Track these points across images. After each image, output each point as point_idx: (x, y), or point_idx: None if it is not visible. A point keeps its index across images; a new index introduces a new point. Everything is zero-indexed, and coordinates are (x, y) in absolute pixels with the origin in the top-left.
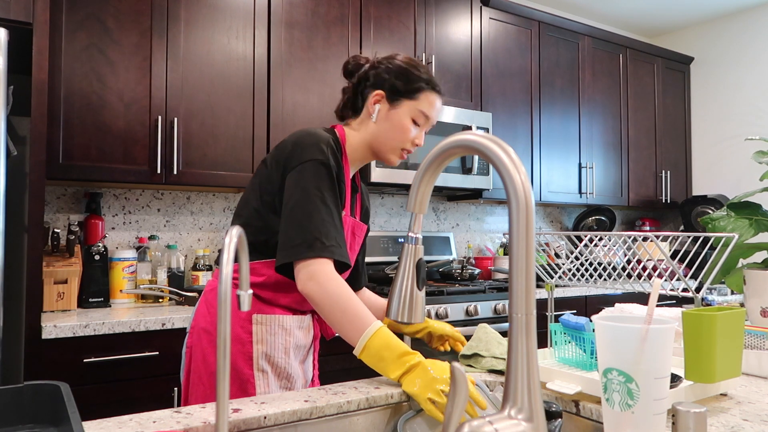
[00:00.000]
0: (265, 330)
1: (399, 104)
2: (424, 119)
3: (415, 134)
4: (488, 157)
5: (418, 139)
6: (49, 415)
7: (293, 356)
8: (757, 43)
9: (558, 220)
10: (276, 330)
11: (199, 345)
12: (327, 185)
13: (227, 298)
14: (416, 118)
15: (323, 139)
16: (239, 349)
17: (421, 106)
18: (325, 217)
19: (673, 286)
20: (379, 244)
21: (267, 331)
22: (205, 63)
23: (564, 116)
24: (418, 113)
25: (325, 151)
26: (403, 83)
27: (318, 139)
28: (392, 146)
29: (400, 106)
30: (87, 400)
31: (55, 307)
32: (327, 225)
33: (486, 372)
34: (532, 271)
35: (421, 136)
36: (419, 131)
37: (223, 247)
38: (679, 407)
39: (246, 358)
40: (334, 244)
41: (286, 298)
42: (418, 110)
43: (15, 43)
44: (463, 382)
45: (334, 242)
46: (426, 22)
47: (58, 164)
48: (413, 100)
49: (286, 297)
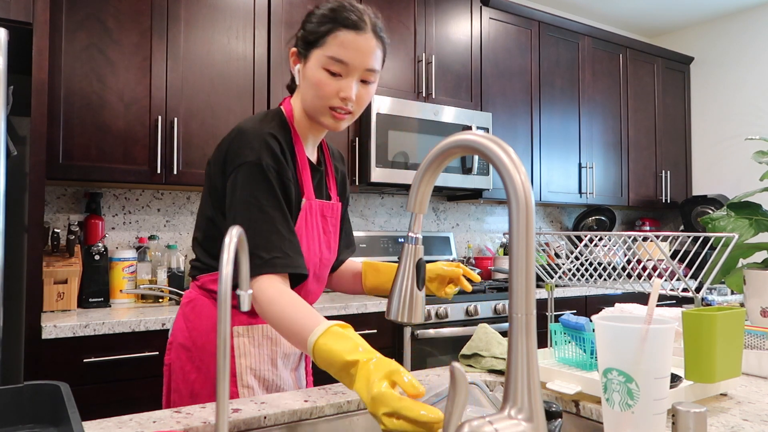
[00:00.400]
0: (248, 342)
1: (309, 57)
2: (340, 65)
3: (338, 87)
4: (488, 157)
5: (345, 92)
6: (49, 415)
7: (282, 366)
8: (757, 43)
9: (558, 220)
10: (261, 340)
11: (178, 362)
12: (263, 188)
13: (227, 298)
14: (329, 67)
15: (257, 135)
16: None
17: (330, 51)
18: (262, 227)
19: (673, 286)
20: (379, 244)
21: (251, 342)
22: (205, 63)
23: (564, 116)
24: (328, 60)
25: (256, 149)
26: (308, 31)
27: (251, 137)
28: (316, 107)
29: (310, 58)
30: (87, 400)
31: (55, 307)
32: (265, 235)
33: (486, 372)
34: (532, 271)
35: (349, 88)
36: (344, 82)
37: (223, 247)
38: (679, 407)
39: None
40: (277, 256)
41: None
42: (327, 57)
43: (15, 43)
44: (462, 382)
45: (278, 253)
46: (426, 22)
47: (58, 164)
48: (321, 47)
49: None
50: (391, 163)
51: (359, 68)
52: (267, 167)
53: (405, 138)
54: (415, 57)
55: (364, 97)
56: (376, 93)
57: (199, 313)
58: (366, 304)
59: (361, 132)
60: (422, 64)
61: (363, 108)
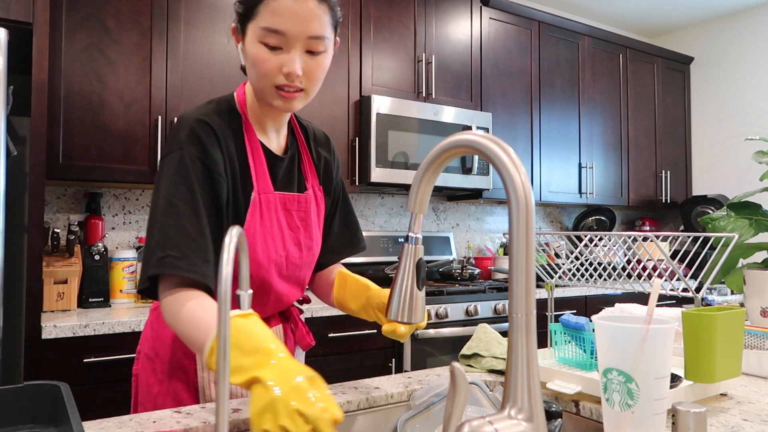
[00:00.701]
0: None
1: (246, 32)
2: (277, 37)
3: (280, 62)
4: (488, 157)
5: (287, 66)
6: (49, 415)
7: None
8: (757, 43)
9: (558, 220)
10: None
11: (144, 373)
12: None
13: (227, 298)
14: (265, 40)
15: (186, 122)
16: (182, 379)
17: (264, 21)
18: (166, 222)
19: (673, 286)
20: (379, 244)
21: None
22: (205, 63)
23: (564, 116)
24: (264, 32)
25: (181, 138)
26: (241, 2)
27: (182, 125)
28: (262, 88)
29: (247, 33)
30: (87, 400)
31: (55, 307)
32: (166, 231)
33: (486, 372)
34: (532, 271)
35: (291, 61)
36: (287, 56)
37: (223, 247)
38: (679, 407)
39: (191, 390)
40: (172, 254)
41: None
42: (261, 29)
43: (15, 43)
44: (462, 382)
45: (174, 251)
46: (426, 22)
47: (58, 164)
48: (254, 18)
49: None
50: (391, 163)
51: (300, 37)
52: (189, 157)
53: (405, 138)
54: (415, 57)
55: (315, 71)
56: (376, 93)
57: (163, 322)
58: None
59: (361, 132)
60: (422, 64)
61: (317, 83)
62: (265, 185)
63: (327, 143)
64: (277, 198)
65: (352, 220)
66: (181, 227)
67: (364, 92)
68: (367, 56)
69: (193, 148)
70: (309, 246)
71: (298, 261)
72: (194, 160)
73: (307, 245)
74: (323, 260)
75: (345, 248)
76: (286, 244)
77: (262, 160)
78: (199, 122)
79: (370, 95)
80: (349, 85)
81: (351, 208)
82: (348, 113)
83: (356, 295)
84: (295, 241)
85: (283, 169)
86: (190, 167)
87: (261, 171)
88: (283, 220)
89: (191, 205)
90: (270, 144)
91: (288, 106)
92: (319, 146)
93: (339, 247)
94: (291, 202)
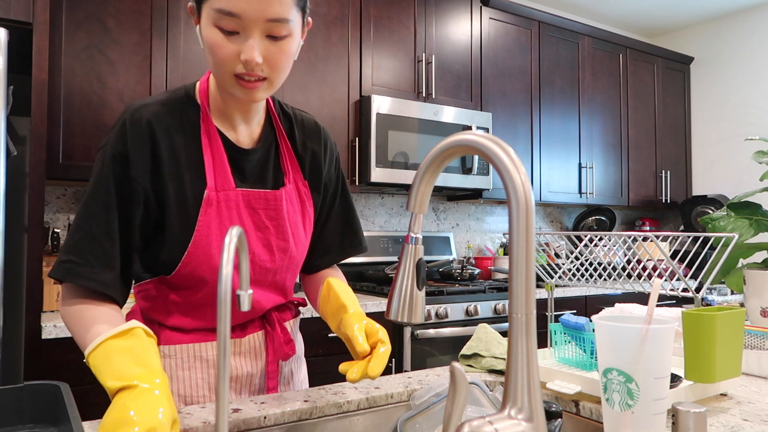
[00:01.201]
0: (176, 365)
1: (201, 13)
2: (232, 20)
3: (236, 48)
4: (488, 157)
5: (246, 53)
6: (49, 415)
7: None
8: (757, 43)
9: (558, 220)
10: (192, 363)
11: None
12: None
13: (227, 298)
14: (219, 23)
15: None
16: None
17: (216, 3)
18: (76, 224)
19: (673, 286)
20: (379, 244)
21: (178, 365)
22: (204, 63)
23: (564, 116)
24: (217, 15)
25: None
26: None
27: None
28: (219, 76)
29: (202, 15)
30: (87, 400)
31: (55, 307)
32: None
33: (486, 372)
34: (532, 271)
35: (249, 48)
36: (243, 42)
37: (223, 247)
38: (679, 407)
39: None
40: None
41: (200, 320)
42: (214, 10)
43: (15, 43)
44: (462, 382)
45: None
46: (426, 22)
47: (58, 164)
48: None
49: (201, 319)
50: (391, 163)
51: (258, 20)
52: (112, 155)
53: (405, 138)
54: (415, 57)
55: (278, 58)
56: (376, 93)
57: None
58: (366, 303)
59: (361, 132)
60: (422, 64)
61: (281, 71)
62: (223, 181)
63: (317, 133)
64: (239, 195)
65: (351, 219)
66: (88, 230)
67: (364, 92)
68: (367, 56)
69: (119, 145)
70: (283, 248)
71: (268, 264)
72: (116, 158)
73: (281, 247)
74: (317, 262)
75: (343, 250)
76: (251, 245)
77: (221, 154)
78: (134, 115)
79: (370, 95)
80: (349, 85)
81: (351, 206)
82: (348, 113)
83: (334, 313)
84: (263, 243)
85: (253, 163)
86: (110, 166)
87: (219, 166)
88: (247, 219)
89: (104, 206)
90: (237, 136)
91: (249, 96)
92: (307, 137)
93: (335, 248)
94: (257, 199)
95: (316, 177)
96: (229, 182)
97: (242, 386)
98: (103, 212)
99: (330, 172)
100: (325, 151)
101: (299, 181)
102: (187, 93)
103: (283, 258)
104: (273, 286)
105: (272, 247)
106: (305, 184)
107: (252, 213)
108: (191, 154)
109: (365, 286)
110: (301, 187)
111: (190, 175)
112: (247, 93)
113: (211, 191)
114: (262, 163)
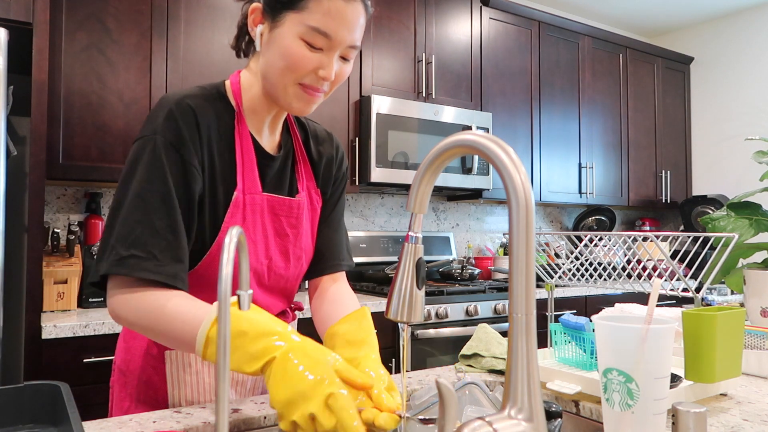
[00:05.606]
0: (180, 369)
1: (281, 20)
2: (323, 39)
3: (318, 63)
4: (488, 157)
5: (326, 70)
6: (49, 415)
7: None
8: (757, 43)
9: (558, 220)
10: (198, 368)
11: (117, 387)
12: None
13: (227, 298)
14: (309, 39)
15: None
16: (152, 396)
17: (313, 20)
18: (132, 216)
19: (673, 286)
20: (379, 244)
21: (186, 370)
22: (205, 63)
23: (564, 116)
24: (309, 31)
25: (157, 122)
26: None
27: (162, 105)
28: (283, 83)
29: (283, 22)
30: (87, 400)
31: (55, 307)
32: (132, 226)
33: (486, 372)
34: (532, 271)
35: (329, 65)
36: (325, 58)
37: (223, 247)
38: (679, 407)
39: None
40: (137, 255)
41: None
42: (308, 26)
43: (15, 43)
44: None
45: (139, 251)
46: (426, 22)
47: (58, 164)
48: (300, 11)
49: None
50: (391, 163)
51: (343, 44)
52: (164, 145)
53: (405, 138)
54: (415, 57)
55: (341, 77)
56: (376, 93)
57: (135, 333)
58: (366, 303)
59: (361, 132)
60: (422, 64)
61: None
62: (252, 185)
63: (330, 140)
64: (264, 200)
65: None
66: (148, 223)
67: (364, 92)
68: (367, 56)
69: (170, 135)
70: (298, 256)
71: (283, 271)
72: (169, 148)
73: (296, 255)
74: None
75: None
76: (269, 251)
77: (252, 157)
78: (180, 104)
79: (370, 95)
80: (349, 85)
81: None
82: (348, 113)
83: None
84: (281, 249)
85: (275, 169)
86: (164, 156)
87: (249, 169)
88: (269, 225)
89: (163, 198)
90: (262, 141)
91: (306, 105)
92: (320, 144)
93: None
94: (281, 206)
95: (327, 184)
96: (256, 186)
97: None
98: (163, 204)
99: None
100: (336, 156)
101: (312, 189)
102: (219, 91)
103: (297, 266)
104: (281, 293)
105: (289, 255)
106: (317, 192)
107: (274, 219)
108: (224, 154)
109: (365, 286)
110: (314, 195)
111: (223, 175)
112: (306, 102)
113: (240, 193)
114: (281, 170)
